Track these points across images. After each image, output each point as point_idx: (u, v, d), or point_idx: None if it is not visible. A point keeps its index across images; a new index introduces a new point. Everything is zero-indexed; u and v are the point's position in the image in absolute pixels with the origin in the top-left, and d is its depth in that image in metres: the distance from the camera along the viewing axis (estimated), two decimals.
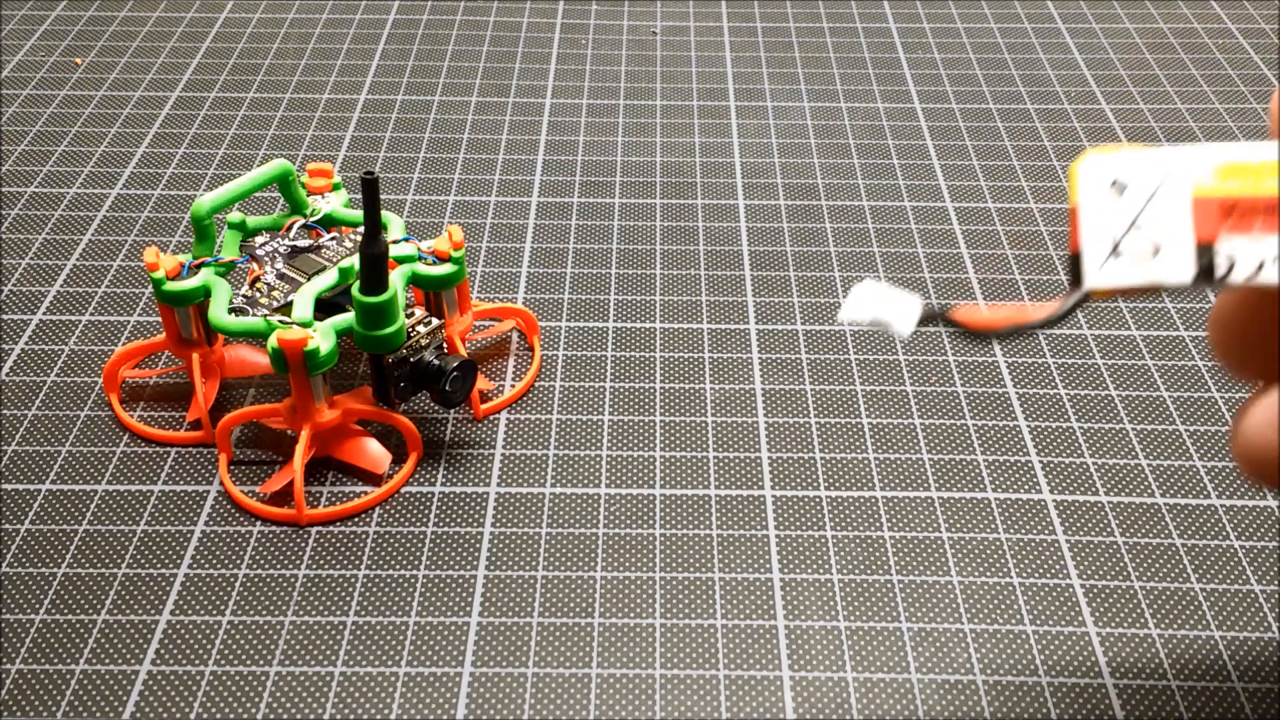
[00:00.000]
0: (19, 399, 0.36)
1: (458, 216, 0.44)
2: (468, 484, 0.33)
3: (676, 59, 0.56)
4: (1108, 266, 0.19)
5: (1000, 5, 0.61)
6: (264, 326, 0.32)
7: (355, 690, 0.28)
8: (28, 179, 0.46)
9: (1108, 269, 0.19)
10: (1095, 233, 0.19)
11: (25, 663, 0.28)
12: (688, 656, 0.28)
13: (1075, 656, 0.29)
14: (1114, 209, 0.19)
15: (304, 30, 0.58)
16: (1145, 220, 0.19)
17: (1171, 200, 0.19)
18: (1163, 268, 0.19)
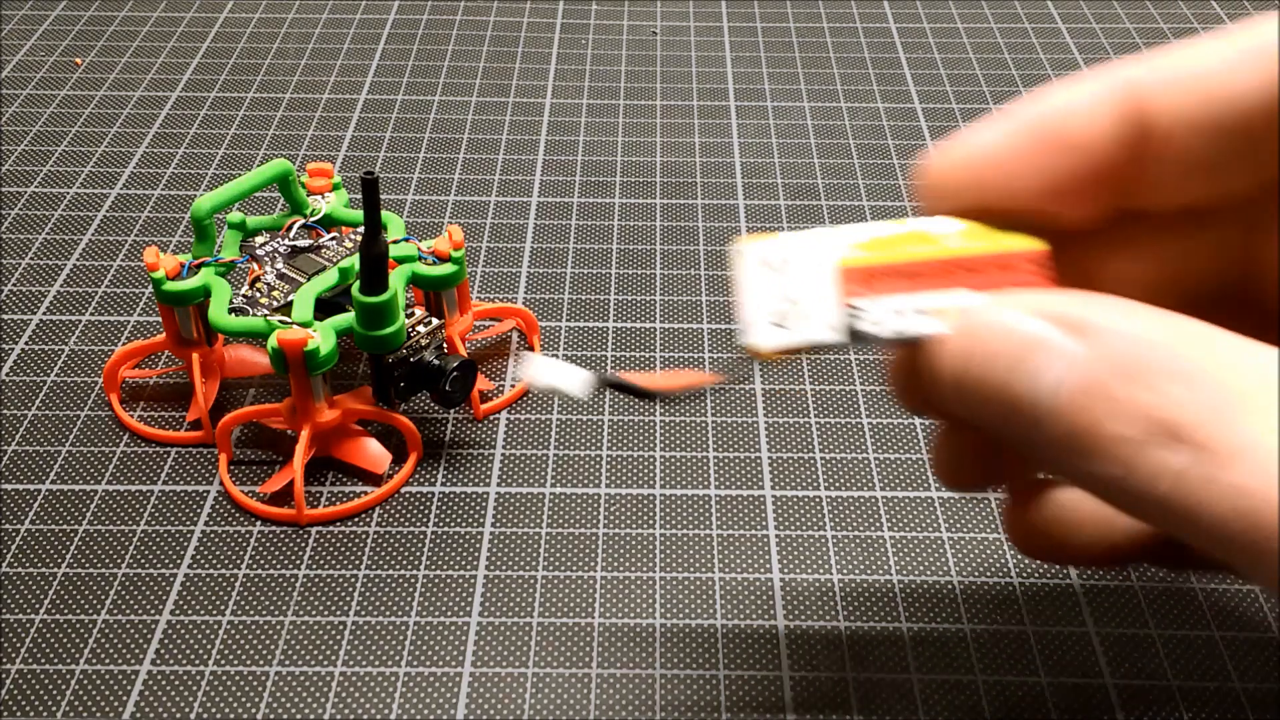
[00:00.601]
0: (19, 399, 0.36)
1: (458, 216, 0.44)
2: (468, 484, 0.33)
3: (676, 59, 0.56)
4: (767, 334, 0.22)
5: (1000, 5, 0.61)
6: (264, 326, 0.32)
7: (355, 690, 0.28)
8: (28, 179, 0.46)
9: (767, 336, 0.22)
10: (755, 305, 0.22)
11: (25, 663, 0.28)
12: (688, 656, 0.28)
13: (1075, 656, 0.29)
14: (769, 283, 0.22)
15: (304, 30, 0.58)
16: (795, 291, 0.22)
17: (817, 271, 0.22)
18: (813, 330, 0.21)
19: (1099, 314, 0.20)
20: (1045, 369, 0.20)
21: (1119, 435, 0.19)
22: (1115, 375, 0.19)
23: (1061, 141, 0.22)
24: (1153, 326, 0.19)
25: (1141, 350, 0.19)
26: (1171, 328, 0.19)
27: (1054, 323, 0.20)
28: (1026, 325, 0.20)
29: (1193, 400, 0.18)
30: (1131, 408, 0.19)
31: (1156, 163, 0.22)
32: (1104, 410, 0.19)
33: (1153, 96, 0.21)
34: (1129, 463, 0.19)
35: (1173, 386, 0.19)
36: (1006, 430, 0.21)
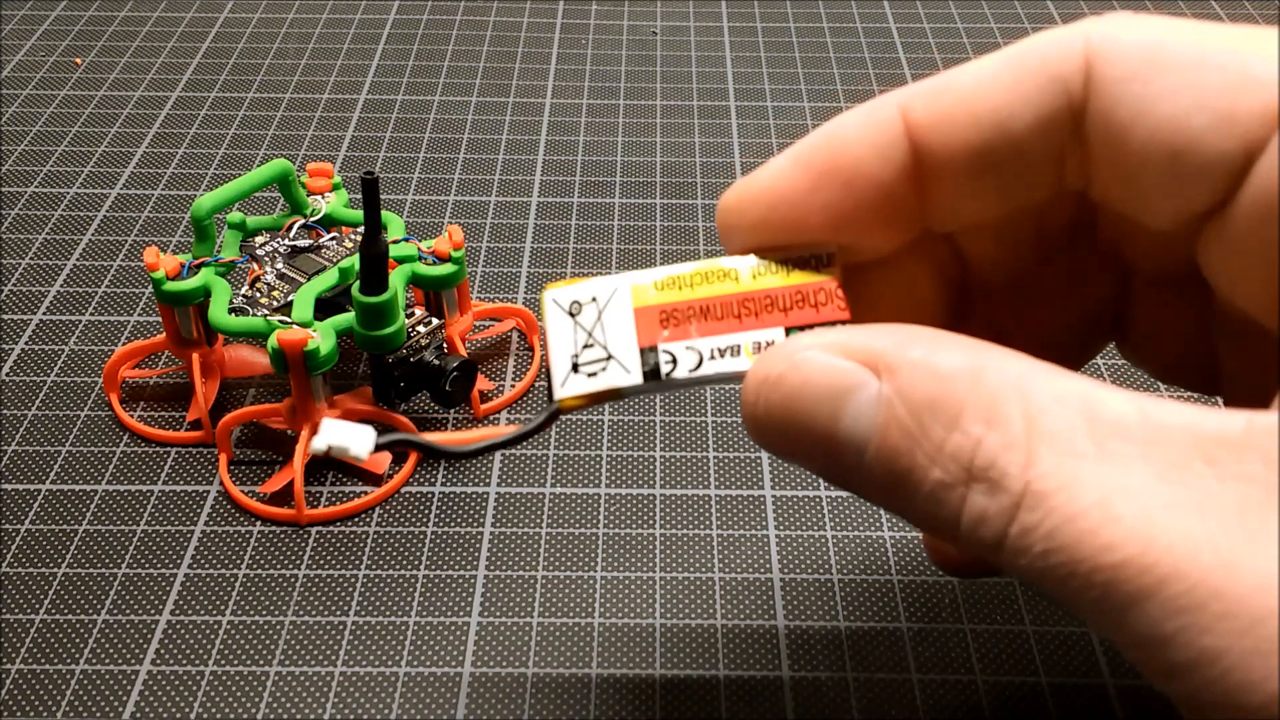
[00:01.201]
0: (19, 399, 0.36)
1: (458, 216, 0.44)
2: (468, 484, 0.33)
3: (676, 59, 0.56)
4: (569, 381, 0.21)
5: (1001, 5, 0.61)
6: (264, 326, 0.32)
7: (355, 690, 0.28)
8: (28, 179, 0.46)
9: (569, 383, 0.21)
10: (558, 353, 0.21)
11: (25, 663, 0.28)
12: (688, 656, 0.28)
13: (1075, 656, 0.29)
14: (571, 330, 0.21)
15: (304, 30, 0.58)
16: (596, 336, 0.21)
17: (617, 315, 0.21)
18: (614, 375, 0.21)
19: (901, 350, 0.19)
20: (856, 411, 0.19)
21: (938, 480, 0.18)
22: (921, 415, 0.18)
23: (838, 173, 0.21)
24: (955, 360, 0.19)
25: (944, 387, 0.18)
26: (976, 359, 0.19)
27: (860, 361, 0.19)
28: (833, 365, 0.20)
29: (1000, 441, 0.18)
30: (940, 449, 0.18)
31: (937, 186, 0.21)
32: (920, 454, 0.18)
33: (923, 123, 0.21)
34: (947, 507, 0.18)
35: (975, 425, 0.18)
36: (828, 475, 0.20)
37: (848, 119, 0.22)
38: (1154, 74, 0.19)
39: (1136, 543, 0.16)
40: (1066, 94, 0.20)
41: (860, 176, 0.21)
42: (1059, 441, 0.17)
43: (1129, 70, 0.19)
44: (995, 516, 0.18)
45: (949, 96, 0.21)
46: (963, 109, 0.21)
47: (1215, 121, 0.18)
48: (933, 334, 0.20)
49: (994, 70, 0.20)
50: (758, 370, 0.21)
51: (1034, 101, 0.20)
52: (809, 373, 0.20)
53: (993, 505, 0.18)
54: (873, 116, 0.22)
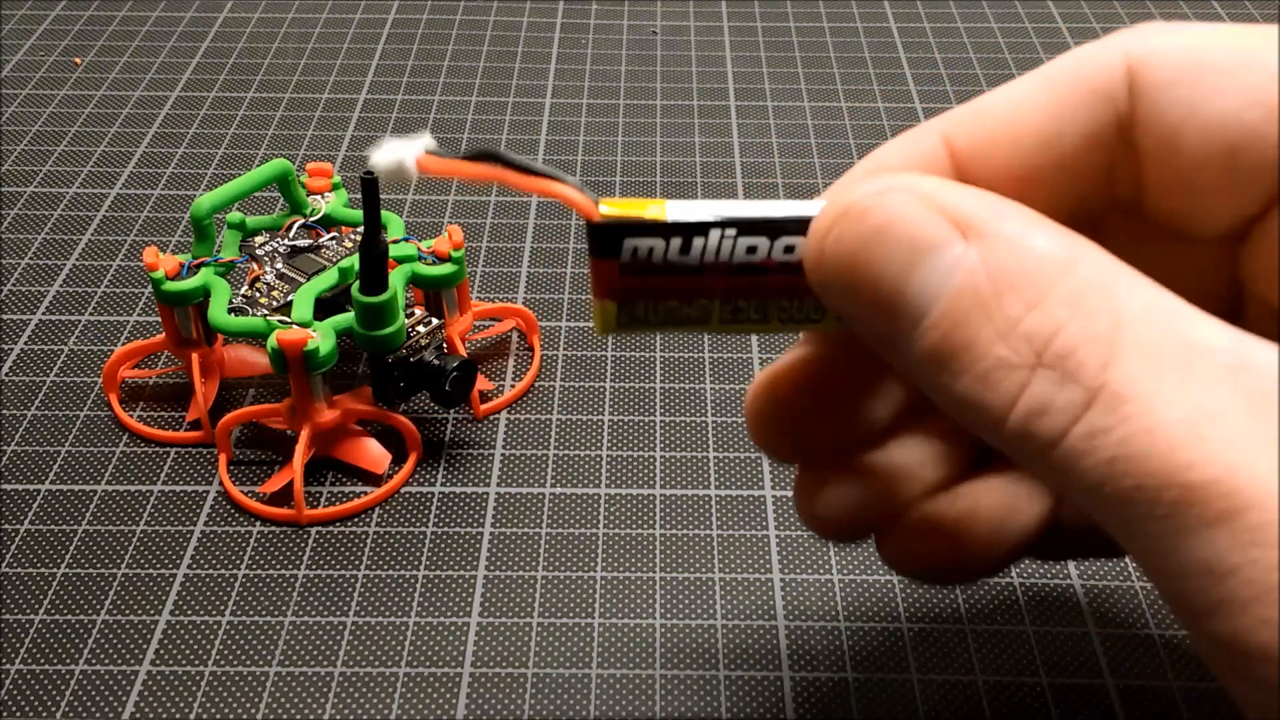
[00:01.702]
0: (18, 399, 0.36)
1: (458, 216, 0.44)
2: (468, 484, 0.33)
3: (676, 59, 0.56)
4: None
5: (1001, 5, 0.61)
6: (263, 326, 0.32)
7: (355, 690, 0.28)
8: (27, 179, 0.46)
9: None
10: None
11: (25, 663, 0.28)
12: (688, 656, 0.28)
13: (1076, 657, 0.29)
14: None
15: (303, 30, 0.58)
16: None
17: None
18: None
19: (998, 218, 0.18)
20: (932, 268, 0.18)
21: (1001, 358, 0.17)
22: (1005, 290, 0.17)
23: None
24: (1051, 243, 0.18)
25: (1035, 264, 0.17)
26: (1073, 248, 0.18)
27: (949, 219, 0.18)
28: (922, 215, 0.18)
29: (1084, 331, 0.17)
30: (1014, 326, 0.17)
31: None
32: (983, 325, 0.17)
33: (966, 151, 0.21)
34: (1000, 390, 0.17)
35: (1064, 312, 0.17)
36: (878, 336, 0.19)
37: (890, 148, 0.21)
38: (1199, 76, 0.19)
39: (1220, 466, 0.15)
40: (1112, 106, 0.20)
41: None
42: (1147, 350, 0.16)
43: (1173, 74, 0.19)
44: (1061, 410, 0.17)
45: (989, 121, 0.20)
46: (1003, 133, 0.20)
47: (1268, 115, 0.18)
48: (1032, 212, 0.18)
49: (1032, 91, 0.20)
50: (838, 201, 0.19)
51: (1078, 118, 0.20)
52: (893, 216, 0.18)
53: (1061, 396, 0.17)
54: (915, 146, 0.21)
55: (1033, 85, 0.20)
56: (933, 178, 0.19)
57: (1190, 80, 0.19)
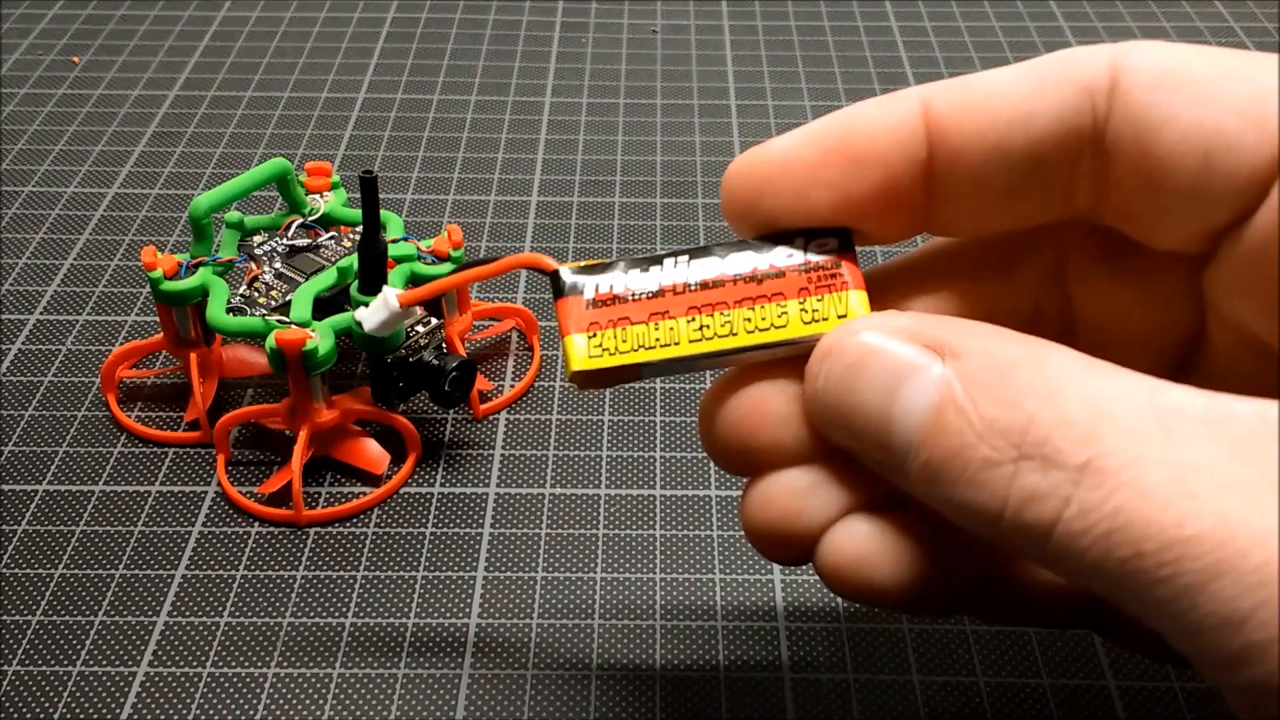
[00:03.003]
0: (16, 399, 0.36)
1: (457, 216, 0.44)
2: (467, 484, 0.33)
3: (676, 59, 0.56)
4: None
5: (1002, 4, 0.61)
6: (262, 326, 0.32)
7: (354, 691, 0.28)
8: (25, 178, 0.46)
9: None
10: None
11: (22, 664, 0.28)
12: (688, 656, 0.28)
13: (1077, 658, 0.28)
14: None
15: (302, 29, 0.58)
16: None
17: None
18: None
19: (967, 336, 0.19)
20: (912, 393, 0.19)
21: (985, 458, 0.18)
22: (979, 395, 0.19)
23: (851, 153, 0.21)
24: (1018, 349, 0.19)
25: (1004, 369, 0.19)
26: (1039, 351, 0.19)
27: (919, 344, 0.20)
28: (897, 347, 0.20)
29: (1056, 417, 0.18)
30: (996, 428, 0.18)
31: (949, 183, 0.21)
32: (970, 432, 0.18)
33: (944, 114, 0.21)
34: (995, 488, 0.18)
35: (1035, 404, 0.18)
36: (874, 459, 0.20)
37: (868, 103, 0.22)
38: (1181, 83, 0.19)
39: (1211, 517, 0.16)
40: (1090, 101, 0.20)
41: (871, 158, 0.21)
42: (1125, 423, 0.17)
43: (1155, 80, 0.19)
44: (1048, 495, 0.17)
45: (970, 92, 0.21)
46: (985, 103, 0.21)
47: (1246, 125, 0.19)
48: (998, 329, 0.20)
49: (1017, 73, 0.21)
50: (824, 344, 0.21)
51: (1056, 104, 0.20)
52: (870, 352, 0.20)
53: (1045, 482, 0.17)
54: (893, 102, 0.21)
55: (1019, 68, 0.21)
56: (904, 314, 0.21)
57: (1172, 86, 0.19)
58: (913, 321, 0.20)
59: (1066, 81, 0.20)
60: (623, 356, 0.22)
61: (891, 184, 0.21)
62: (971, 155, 0.21)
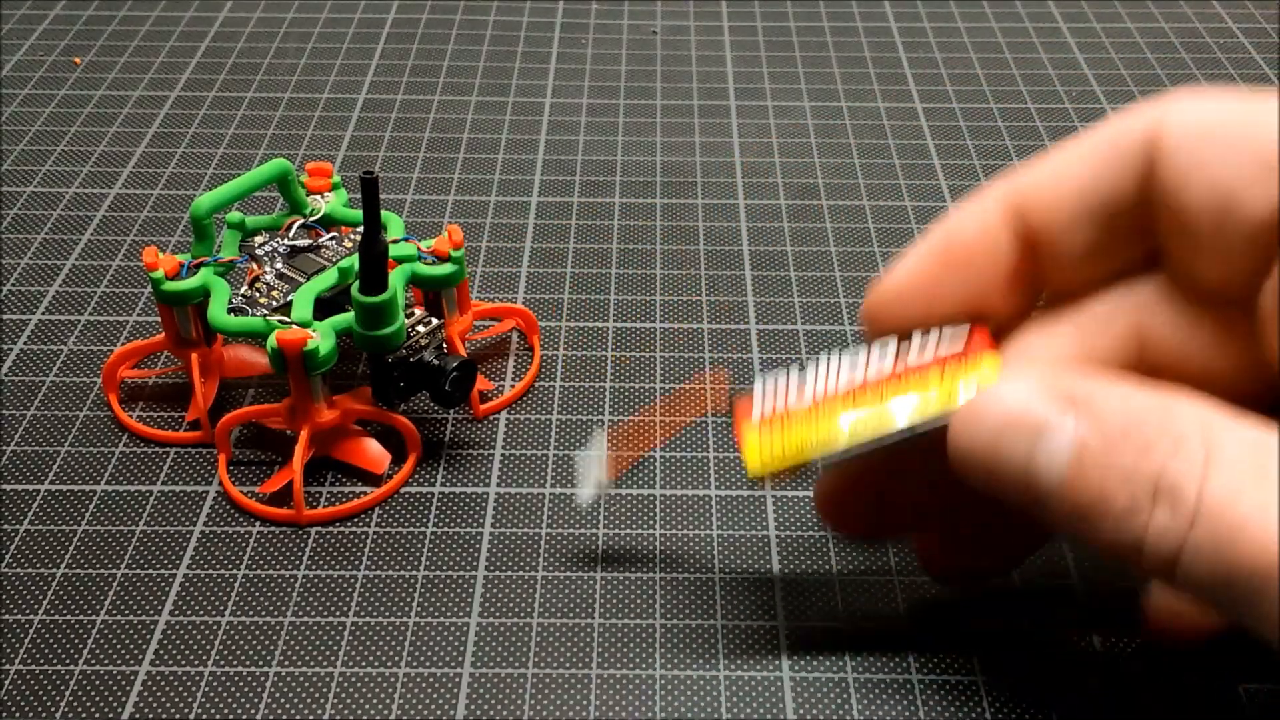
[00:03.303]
0: (18, 399, 0.36)
1: (458, 216, 0.44)
2: (467, 484, 0.33)
3: (676, 59, 0.56)
4: None
5: (1001, 4, 0.61)
6: (263, 326, 0.32)
7: (355, 691, 0.28)
8: (26, 178, 0.46)
9: None
10: None
11: (24, 663, 0.28)
12: (688, 656, 0.28)
13: (1079, 658, 0.29)
14: None
15: (303, 30, 0.58)
16: None
17: None
18: None
19: (1090, 388, 0.22)
20: (1050, 446, 0.22)
21: (1126, 504, 0.21)
22: (1111, 445, 0.21)
23: (963, 261, 0.25)
24: (1139, 396, 0.22)
25: (1132, 418, 0.21)
26: (1155, 396, 0.21)
27: (1053, 400, 0.22)
28: (1032, 405, 0.22)
29: (1183, 462, 0.20)
30: (1128, 473, 0.21)
31: (1050, 256, 0.25)
32: (1104, 479, 0.21)
33: (1031, 203, 0.24)
34: (1132, 527, 0.21)
35: (1163, 450, 0.21)
36: (1024, 505, 0.23)
37: (963, 211, 0.25)
38: (1205, 139, 0.22)
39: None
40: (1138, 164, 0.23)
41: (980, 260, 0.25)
42: (1232, 466, 0.20)
43: (1183, 138, 0.22)
44: (1173, 531, 0.20)
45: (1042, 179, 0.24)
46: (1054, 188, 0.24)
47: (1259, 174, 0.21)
48: (1125, 378, 0.22)
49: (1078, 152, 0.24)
50: (964, 410, 0.23)
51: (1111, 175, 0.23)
52: (1008, 409, 0.23)
53: (1173, 521, 0.20)
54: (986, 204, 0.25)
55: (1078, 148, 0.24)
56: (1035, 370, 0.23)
57: (1196, 143, 0.22)
58: (1044, 379, 0.23)
59: (1116, 152, 0.23)
60: (790, 456, 0.25)
61: (1000, 274, 0.25)
62: (1053, 232, 0.24)
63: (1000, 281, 0.25)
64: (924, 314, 0.25)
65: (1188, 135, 0.22)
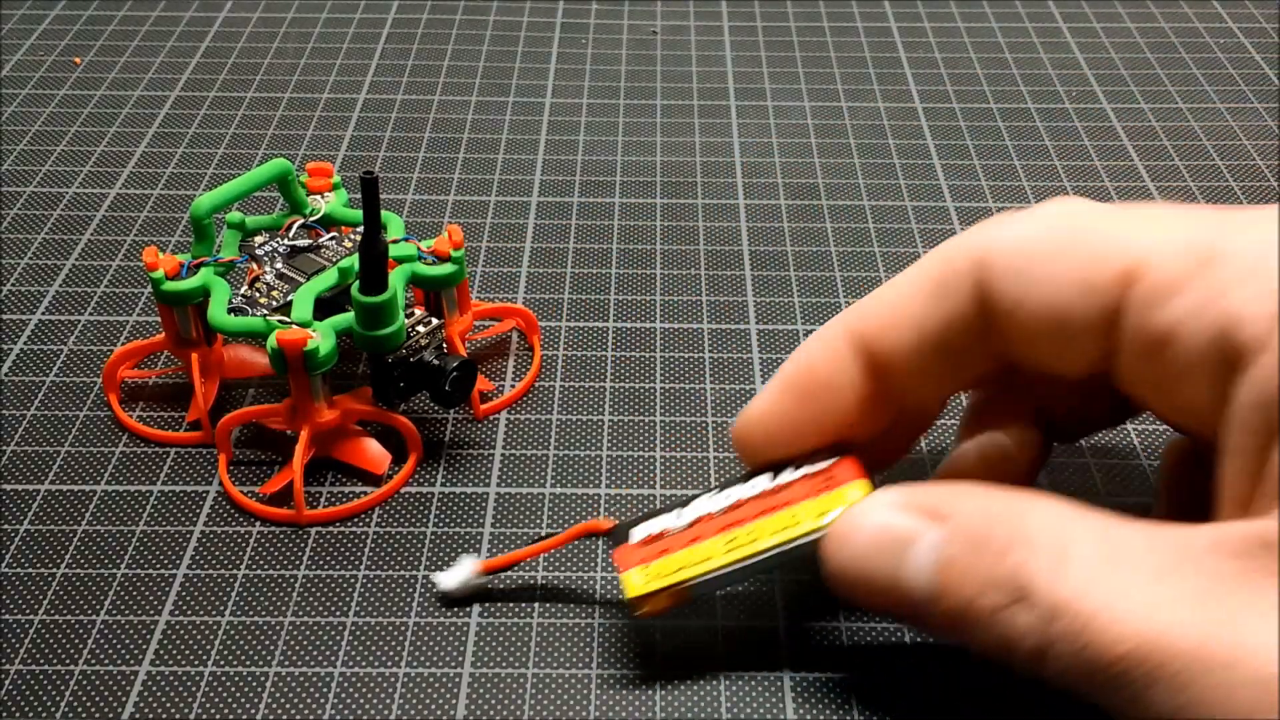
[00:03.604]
0: (18, 399, 0.36)
1: (458, 216, 0.44)
2: (468, 484, 0.33)
3: (676, 59, 0.56)
4: None
5: (1001, 5, 0.61)
6: (263, 326, 0.32)
7: (355, 691, 0.28)
8: (27, 178, 0.46)
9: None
10: None
11: (24, 663, 0.28)
12: (688, 656, 0.28)
13: None
14: None
15: (303, 29, 0.58)
16: None
17: None
18: None
19: (956, 499, 0.23)
20: (915, 557, 0.23)
21: (984, 605, 0.22)
22: (971, 551, 0.22)
23: (815, 393, 0.26)
24: (995, 501, 0.23)
25: (988, 524, 0.23)
26: (1018, 504, 0.23)
27: (915, 513, 0.24)
28: (894, 520, 0.24)
29: (1037, 561, 0.21)
30: (989, 577, 0.22)
31: (899, 382, 0.26)
32: (968, 584, 0.22)
33: (871, 336, 0.26)
34: (999, 629, 0.22)
35: (1017, 552, 0.22)
36: (903, 619, 0.25)
37: (807, 346, 0.27)
38: (1029, 264, 0.23)
39: (1137, 635, 0.20)
40: (971, 292, 0.24)
41: (830, 392, 0.26)
42: (1082, 561, 0.21)
43: (1008, 268, 0.24)
44: (1034, 629, 0.21)
45: (878, 310, 0.26)
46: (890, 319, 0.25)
47: (1081, 293, 0.23)
48: (981, 487, 0.24)
49: (910, 285, 0.25)
50: (833, 531, 0.25)
51: (941, 306, 0.25)
52: (872, 529, 0.24)
53: (1031, 619, 0.21)
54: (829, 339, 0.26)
55: (910, 280, 0.25)
56: (894, 489, 0.25)
57: (1021, 270, 0.24)
58: (902, 495, 0.24)
59: (946, 283, 0.25)
60: (670, 578, 0.26)
61: (849, 402, 0.26)
62: (896, 362, 0.26)
63: (854, 408, 0.26)
64: (786, 441, 0.27)
65: (1012, 264, 0.24)
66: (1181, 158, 0.48)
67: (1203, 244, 0.22)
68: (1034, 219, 0.24)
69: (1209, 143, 0.49)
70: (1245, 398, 0.20)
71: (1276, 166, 0.48)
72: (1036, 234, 0.24)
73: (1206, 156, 0.48)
